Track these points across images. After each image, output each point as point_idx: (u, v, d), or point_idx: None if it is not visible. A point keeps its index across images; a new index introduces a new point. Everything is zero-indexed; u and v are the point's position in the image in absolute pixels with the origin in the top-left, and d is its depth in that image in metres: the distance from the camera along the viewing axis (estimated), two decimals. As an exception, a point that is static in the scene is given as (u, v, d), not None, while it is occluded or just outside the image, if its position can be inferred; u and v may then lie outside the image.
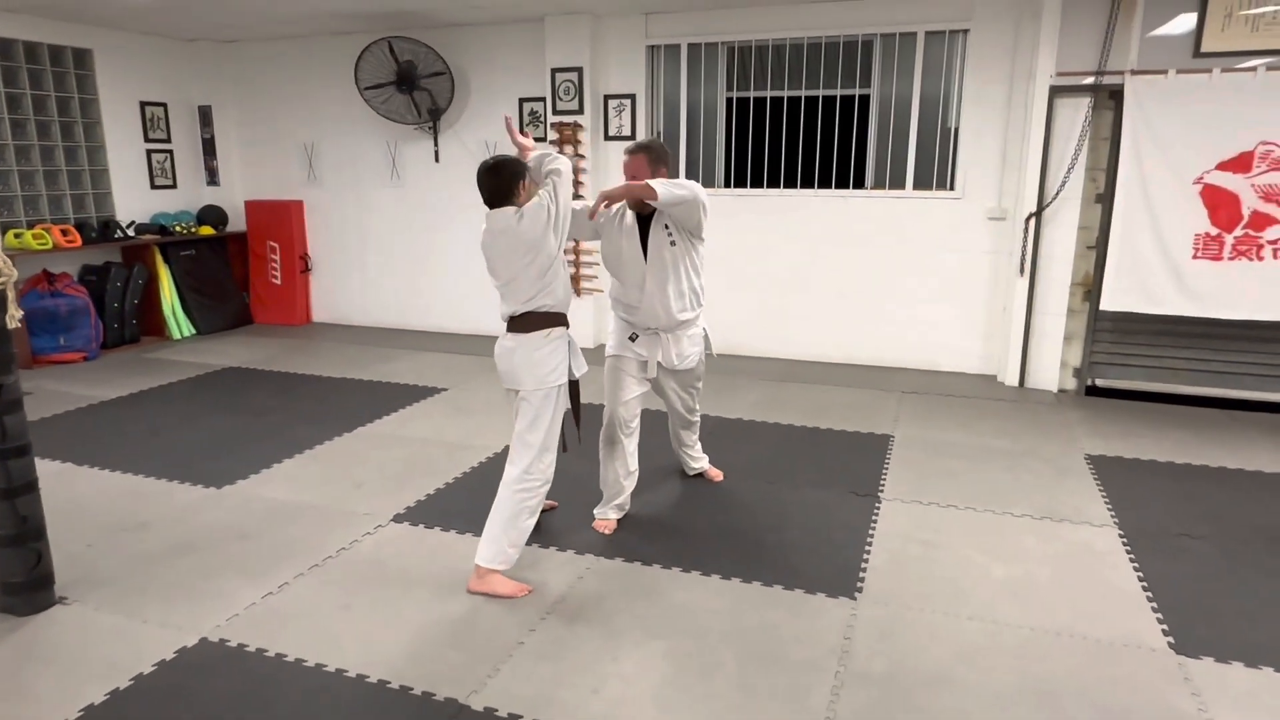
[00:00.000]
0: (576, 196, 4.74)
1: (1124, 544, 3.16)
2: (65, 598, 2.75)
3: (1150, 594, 2.80)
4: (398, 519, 3.38)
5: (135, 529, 3.29)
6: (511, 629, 2.58)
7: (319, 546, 3.13)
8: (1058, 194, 5.09)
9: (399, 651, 2.46)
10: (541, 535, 3.21)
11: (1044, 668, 2.40)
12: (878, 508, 3.50)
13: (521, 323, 2.76)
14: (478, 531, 3.21)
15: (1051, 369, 5.34)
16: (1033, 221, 5.17)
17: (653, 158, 3.10)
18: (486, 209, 2.74)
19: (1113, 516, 3.40)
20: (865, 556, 3.06)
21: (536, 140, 6.35)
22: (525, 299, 2.74)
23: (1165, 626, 2.60)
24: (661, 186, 2.88)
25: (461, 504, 3.53)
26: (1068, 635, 2.55)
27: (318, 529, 3.28)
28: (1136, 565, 3.00)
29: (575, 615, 2.66)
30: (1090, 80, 4.90)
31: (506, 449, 4.10)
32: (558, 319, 2.80)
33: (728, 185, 6.13)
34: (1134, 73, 4.71)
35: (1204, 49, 4.65)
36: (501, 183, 2.70)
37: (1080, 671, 2.38)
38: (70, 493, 3.64)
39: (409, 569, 2.97)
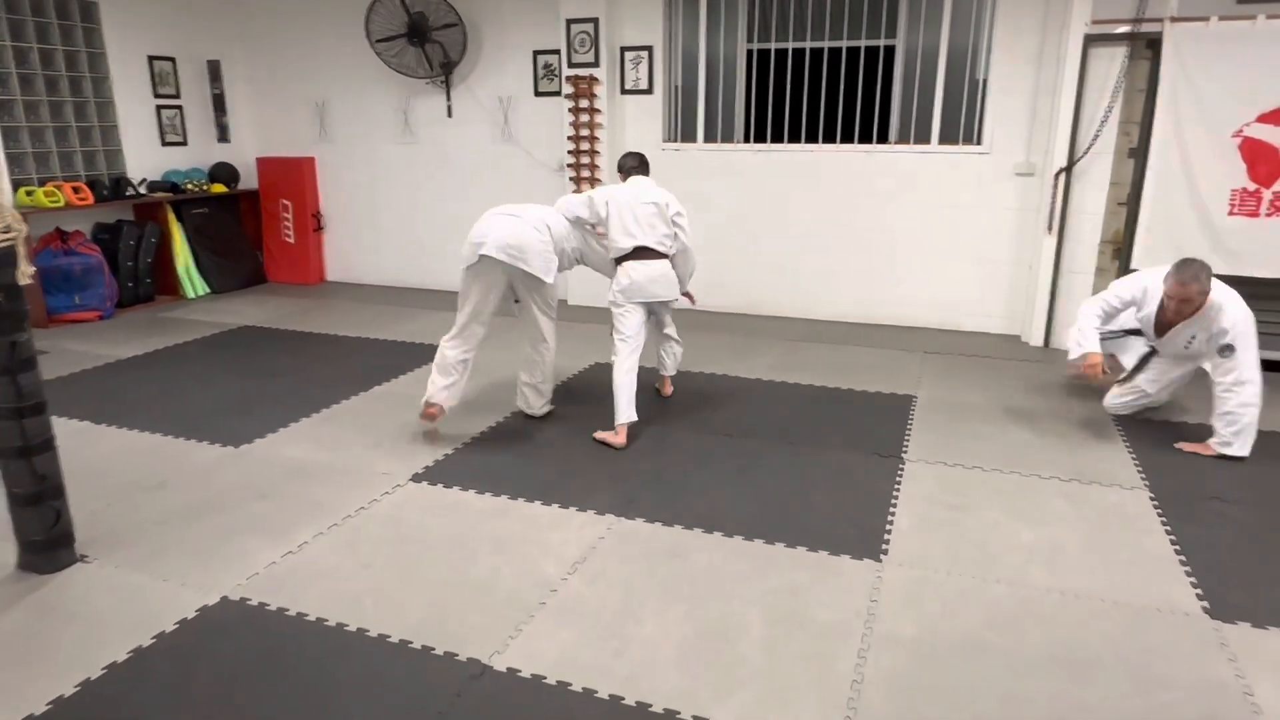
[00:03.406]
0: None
1: (1155, 507, 3.10)
2: (86, 556, 2.75)
3: (1184, 558, 2.74)
4: (416, 478, 3.35)
5: (154, 488, 3.28)
6: (532, 590, 2.56)
7: (338, 506, 3.11)
8: (1089, 148, 4.93)
9: (420, 612, 2.44)
10: (560, 496, 3.18)
11: (1076, 634, 2.35)
12: (901, 469, 3.44)
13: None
14: (496, 491, 3.22)
15: (1078, 329, 5.22)
16: (1062, 177, 5.02)
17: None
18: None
19: (1143, 479, 3.33)
20: (890, 519, 3.01)
21: (551, 95, 6.25)
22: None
23: (1200, 591, 2.54)
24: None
25: (479, 463, 3.50)
26: (1100, 600, 2.50)
27: (336, 488, 3.26)
28: (1169, 529, 2.93)
29: (596, 576, 2.63)
30: (1127, 29, 4.71)
31: (521, 412, 4.08)
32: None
33: (747, 140, 5.98)
34: (1174, 20, 4.52)
35: (1249, -5, 4.45)
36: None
37: (1113, 638, 2.33)
38: (89, 451, 3.63)
39: (428, 528, 2.94)
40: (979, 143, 5.41)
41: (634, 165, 3.94)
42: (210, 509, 3.10)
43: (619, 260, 3.78)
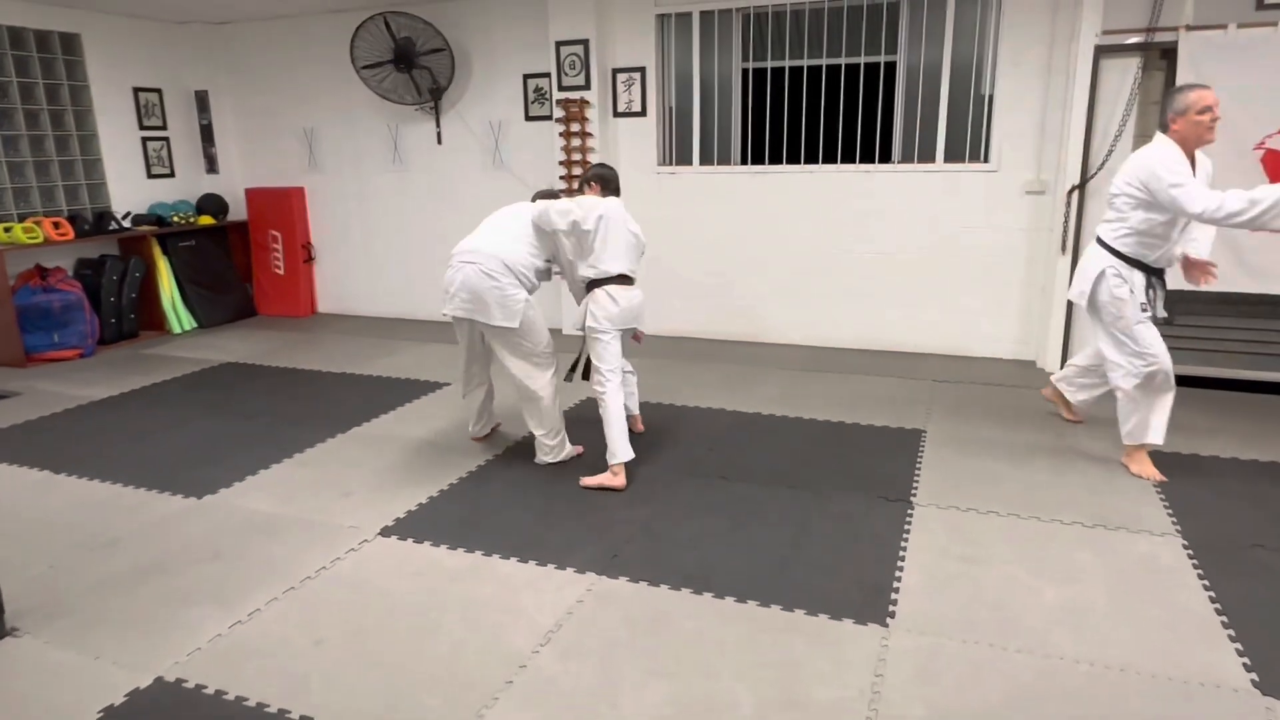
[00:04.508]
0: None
1: (1190, 557, 2.82)
2: (16, 629, 2.52)
3: (1226, 619, 2.46)
4: (385, 532, 3.11)
5: (104, 546, 3.05)
6: (499, 667, 2.30)
7: (297, 567, 2.87)
8: (1103, 164, 4.68)
9: (371, 695, 2.20)
10: (539, 551, 2.93)
11: (1106, 712, 2.08)
12: (910, 515, 3.17)
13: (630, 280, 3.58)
14: (470, 546, 2.98)
15: (1096, 354, 4.95)
16: (1075, 195, 4.78)
17: None
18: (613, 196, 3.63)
19: (1174, 524, 3.05)
20: (898, 575, 2.75)
21: (543, 119, 6.07)
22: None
23: (1247, 660, 2.26)
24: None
25: (455, 513, 3.26)
26: (1134, 672, 2.23)
27: (298, 545, 3.02)
28: (1207, 584, 2.65)
29: (570, 649, 2.38)
30: (1140, 39, 4.47)
31: (507, 450, 3.85)
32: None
33: (744, 162, 5.77)
34: (1189, 28, 4.28)
35: (1268, 0, 4.21)
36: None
37: (1149, 717, 2.06)
38: (44, 505, 3.42)
39: (390, 593, 2.70)
40: (986, 160, 5.17)
41: (619, 187, 3.71)
42: (160, 570, 2.87)
43: (596, 283, 3.53)
